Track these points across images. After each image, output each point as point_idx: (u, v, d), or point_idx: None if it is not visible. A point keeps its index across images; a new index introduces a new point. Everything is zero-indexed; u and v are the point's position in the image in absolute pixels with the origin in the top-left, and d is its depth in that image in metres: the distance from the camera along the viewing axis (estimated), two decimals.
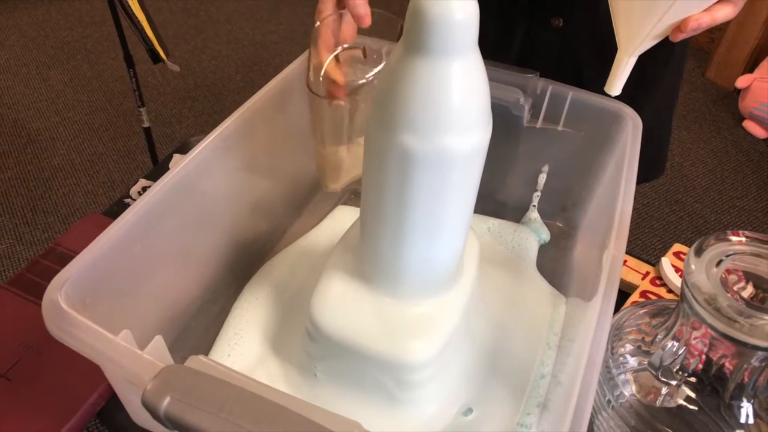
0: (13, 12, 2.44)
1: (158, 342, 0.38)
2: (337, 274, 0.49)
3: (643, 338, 0.46)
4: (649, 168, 0.85)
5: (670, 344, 0.43)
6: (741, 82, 2.01)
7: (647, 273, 0.64)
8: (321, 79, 0.53)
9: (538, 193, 0.68)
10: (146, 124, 1.30)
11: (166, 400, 0.34)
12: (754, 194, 1.81)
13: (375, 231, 0.45)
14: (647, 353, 0.45)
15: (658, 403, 0.43)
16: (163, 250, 0.50)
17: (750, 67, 2.08)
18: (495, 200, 0.69)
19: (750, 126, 2.02)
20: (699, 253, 0.39)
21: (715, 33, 2.24)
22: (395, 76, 0.37)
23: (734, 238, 0.39)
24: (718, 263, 0.39)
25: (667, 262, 0.63)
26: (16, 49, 2.25)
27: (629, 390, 0.44)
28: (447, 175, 0.40)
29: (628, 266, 0.65)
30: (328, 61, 0.51)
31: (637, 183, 0.53)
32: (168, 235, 0.49)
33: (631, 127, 0.56)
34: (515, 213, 0.70)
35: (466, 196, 0.43)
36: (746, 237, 0.40)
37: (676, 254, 0.65)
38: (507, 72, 0.60)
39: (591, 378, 0.37)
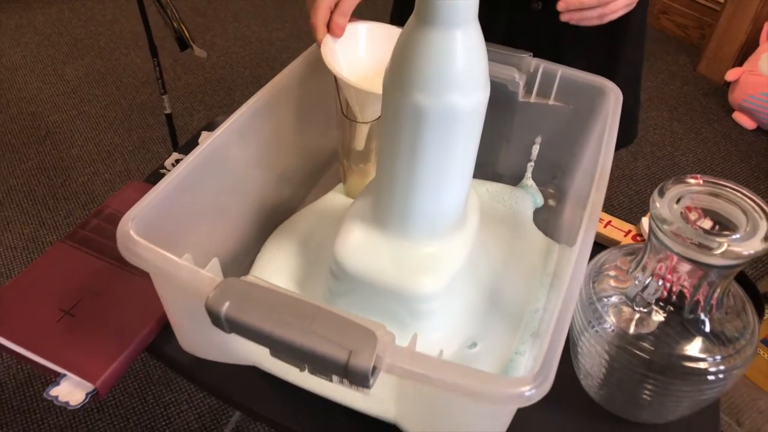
0: (27, 11, 2.52)
1: (215, 264, 0.46)
2: (357, 221, 0.57)
3: (618, 275, 0.53)
4: (623, 134, 0.91)
5: (640, 275, 0.51)
6: (731, 75, 2.10)
7: (629, 231, 0.72)
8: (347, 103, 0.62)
9: (532, 163, 0.76)
10: (168, 111, 1.38)
11: (226, 305, 0.42)
12: (743, 181, 1.89)
13: (390, 181, 0.53)
14: (623, 287, 0.52)
15: (632, 329, 0.51)
16: (204, 205, 0.58)
17: (739, 61, 2.16)
18: (494, 170, 0.77)
19: (739, 117, 2.10)
20: (662, 193, 0.47)
21: (706, 29, 2.32)
22: (408, 45, 0.45)
23: (692, 181, 0.47)
24: (678, 200, 0.47)
25: (646, 220, 0.71)
26: (31, 46, 2.33)
27: (609, 318, 0.52)
28: (453, 129, 0.48)
29: (613, 226, 0.73)
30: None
31: (615, 149, 0.61)
32: (207, 194, 0.57)
33: (613, 99, 0.64)
34: (512, 181, 0.78)
35: (469, 149, 0.51)
36: (703, 180, 0.48)
37: None
38: (504, 53, 0.68)
39: (568, 306, 0.44)
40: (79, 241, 0.67)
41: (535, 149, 0.75)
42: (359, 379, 0.40)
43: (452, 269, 0.55)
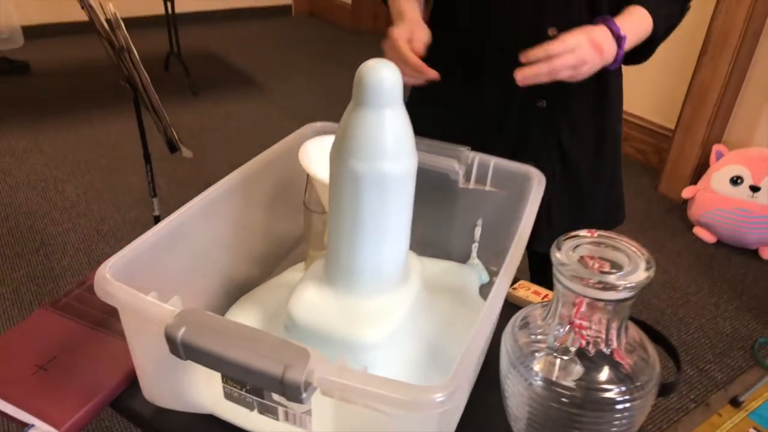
0: (37, 135, 2.72)
1: (176, 300, 0.53)
2: (310, 281, 0.65)
3: (536, 324, 0.60)
4: (614, 217, 1.09)
5: (552, 321, 0.57)
6: (686, 192, 2.26)
7: (546, 295, 0.79)
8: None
9: (476, 243, 0.85)
10: (156, 213, 1.49)
11: (182, 330, 0.48)
12: (706, 290, 1.97)
13: (336, 241, 0.61)
14: (540, 334, 0.59)
15: (548, 369, 0.56)
16: (173, 269, 0.65)
17: (694, 180, 2.33)
18: (443, 250, 0.86)
19: (699, 232, 2.23)
20: (559, 246, 0.55)
21: (663, 153, 2.52)
22: (347, 122, 0.56)
23: (583, 233, 0.56)
24: (575, 249, 0.55)
25: None
26: (37, 167, 2.49)
27: (528, 361, 0.57)
28: (386, 192, 0.57)
29: (534, 291, 0.80)
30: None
31: (605, 228, 0.72)
32: (176, 259, 0.64)
33: (536, 182, 0.75)
34: (460, 260, 0.86)
35: (402, 211, 0.60)
36: (592, 233, 0.56)
37: None
38: (445, 147, 0.80)
39: (482, 329, 0.51)
40: (60, 308, 0.73)
41: (477, 231, 0.84)
42: (293, 391, 0.45)
43: (394, 322, 0.62)
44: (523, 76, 0.77)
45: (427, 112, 0.93)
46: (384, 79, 0.54)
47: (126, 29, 1.13)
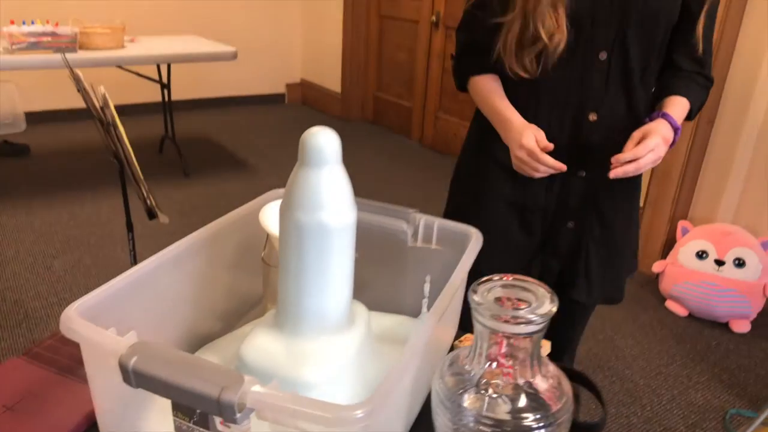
0: (29, 214, 2.80)
1: (132, 334, 0.58)
2: (262, 326, 0.71)
3: (463, 363, 0.66)
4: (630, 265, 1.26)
5: (476, 358, 0.63)
6: (656, 267, 2.33)
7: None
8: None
9: (426, 299, 0.91)
10: None
11: (134, 359, 0.54)
12: (679, 362, 2.01)
13: (284, 287, 0.68)
14: (466, 372, 0.64)
15: (483, 410, 0.61)
16: (136, 318, 0.71)
17: (664, 255, 2.41)
18: (396, 306, 0.92)
19: (671, 305, 2.28)
20: (474, 290, 0.62)
21: None
22: (294, 179, 0.64)
23: (496, 277, 0.63)
24: (490, 291, 0.62)
25: None
26: (26, 243, 2.56)
27: (463, 403, 0.63)
28: (326, 241, 0.65)
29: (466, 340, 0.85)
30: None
31: (628, 274, 0.88)
32: (139, 309, 0.71)
33: (474, 240, 0.82)
34: (412, 315, 0.92)
35: (343, 258, 0.67)
36: (507, 277, 0.63)
37: None
38: (394, 208, 0.88)
39: (408, 360, 0.57)
40: (32, 356, 0.78)
41: (427, 287, 0.90)
42: (228, 412, 0.51)
43: (336, 362, 0.67)
44: (616, 174, 0.97)
45: (489, 177, 1.17)
46: (323, 143, 0.62)
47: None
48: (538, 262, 1.20)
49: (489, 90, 1.11)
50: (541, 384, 0.61)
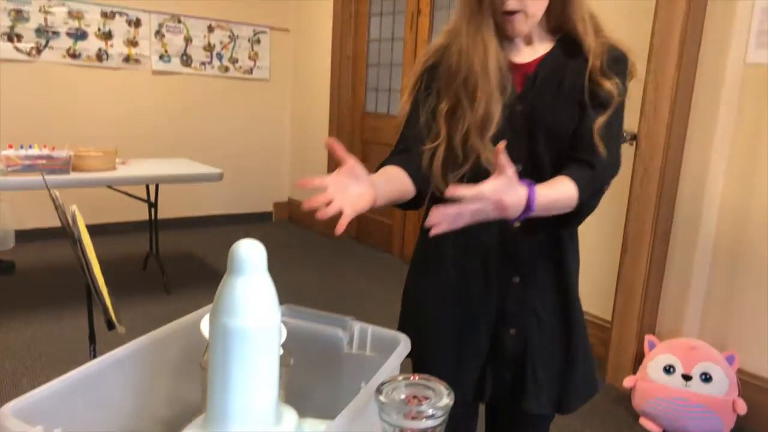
0: (7, 331, 2.81)
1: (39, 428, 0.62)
2: (191, 428, 0.74)
3: None
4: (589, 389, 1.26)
5: None
6: (627, 382, 2.34)
7: None
8: None
9: None
10: None
11: None
12: None
13: (211, 388, 0.72)
14: None
15: None
16: (75, 419, 0.74)
17: (635, 370, 2.42)
18: (333, 413, 0.95)
19: (645, 422, 2.26)
20: (379, 390, 0.67)
21: (607, 345, 2.65)
22: (222, 286, 0.71)
23: (400, 378, 0.68)
24: (393, 390, 0.67)
25: None
26: None
27: None
28: (251, 343, 0.70)
29: None
30: None
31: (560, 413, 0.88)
32: (76, 414, 0.75)
33: (402, 345, 0.88)
34: None
35: (268, 361, 0.72)
36: (414, 377, 0.68)
37: None
38: (332, 317, 0.94)
39: None
40: None
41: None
42: None
43: None
44: (433, 217, 0.91)
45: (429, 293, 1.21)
46: (245, 253, 0.70)
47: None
48: (490, 371, 1.20)
49: (384, 171, 1.13)
50: None
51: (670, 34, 2.25)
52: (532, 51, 1.14)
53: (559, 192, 1.04)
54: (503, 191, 0.92)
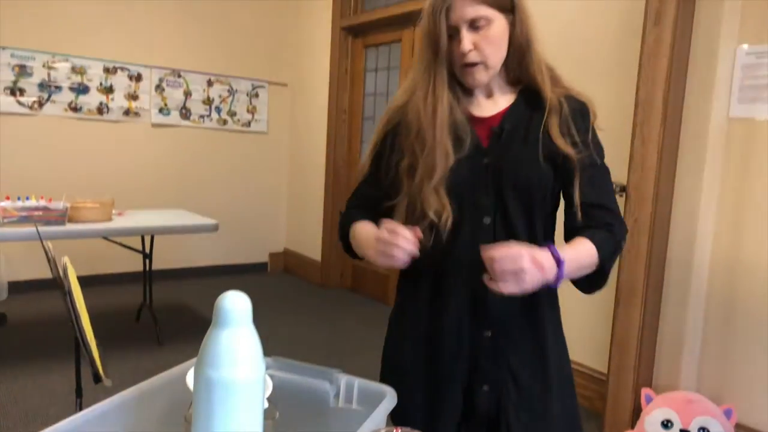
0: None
1: None
2: None
3: None
4: None
5: None
6: None
7: None
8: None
9: None
10: None
11: None
12: None
13: None
14: None
15: None
16: None
17: (633, 424, 2.38)
18: None
19: None
20: None
21: (602, 399, 2.61)
22: (206, 339, 0.71)
23: (384, 431, 0.68)
24: None
25: None
26: None
27: None
28: (234, 395, 0.70)
29: None
30: None
31: None
32: None
33: (388, 398, 0.87)
34: None
35: (251, 412, 0.72)
36: (394, 430, 0.68)
37: None
38: (319, 370, 0.94)
39: None
40: None
41: None
42: None
43: None
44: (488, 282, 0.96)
45: (405, 348, 1.20)
46: (230, 305, 0.71)
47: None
48: (464, 429, 1.16)
49: (364, 225, 1.16)
50: None
51: (654, 88, 2.32)
52: (494, 104, 1.16)
53: (575, 247, 1.05)
54: (530, 249, 0.96)
